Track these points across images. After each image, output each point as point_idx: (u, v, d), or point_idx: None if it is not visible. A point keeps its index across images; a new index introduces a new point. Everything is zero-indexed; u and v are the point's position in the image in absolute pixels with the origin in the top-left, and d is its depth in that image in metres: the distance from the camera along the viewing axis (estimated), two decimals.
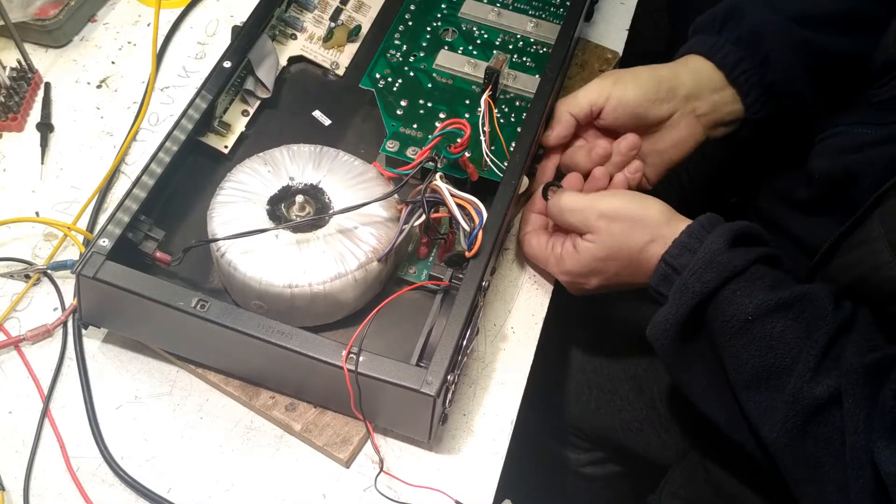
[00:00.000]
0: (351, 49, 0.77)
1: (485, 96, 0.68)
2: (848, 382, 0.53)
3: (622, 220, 0.61)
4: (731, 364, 0.58)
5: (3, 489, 0.54)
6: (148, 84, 0.76)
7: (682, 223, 0.61)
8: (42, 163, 0.71)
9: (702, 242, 0.58)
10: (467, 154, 0.63)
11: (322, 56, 0.76)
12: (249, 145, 0.69)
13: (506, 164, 0.65)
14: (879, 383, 0.53)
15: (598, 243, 0.62)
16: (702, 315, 0.58)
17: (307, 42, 0.76)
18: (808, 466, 0.55)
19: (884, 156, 0.63)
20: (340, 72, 0.76)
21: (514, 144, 0.67)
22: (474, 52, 0.75)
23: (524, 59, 0.75)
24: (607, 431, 0.83)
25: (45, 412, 0.58)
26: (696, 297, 0.57)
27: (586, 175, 0.68)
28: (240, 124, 0.70)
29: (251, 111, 0.71)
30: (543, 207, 0.67)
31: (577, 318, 0.84)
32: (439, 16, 0.78)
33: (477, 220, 0.58)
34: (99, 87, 0.77)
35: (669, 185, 0.77)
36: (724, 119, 0.71)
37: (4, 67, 0.74)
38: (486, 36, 0.77)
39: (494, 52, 0.75)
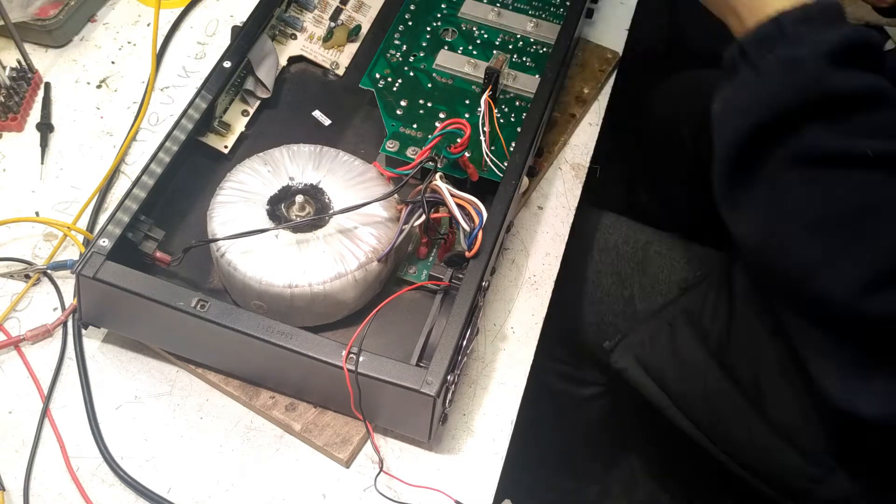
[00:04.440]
0: (351, 49, 0.77)
1: (485, 96, 0.68)
2: None
3: None
4: (811, 197, 0.50)
5: (4, 489, 0.54)
6: (148, 84, 0.76)
7: None
8: (42, 163, 0.71)
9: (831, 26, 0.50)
10: (467, 154, 0.63)
11: (322, 56, 0.76)
12: (249, 145, 0.69)
13: (506, 164, 0.65)
14: None
15: None
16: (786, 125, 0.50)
17: (307, 42, 0.76)
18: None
19: None
20: (340, 72, 0.76)
21: (514, 144, 0.66)
22: (474, 52, 0.75)
23: (524, 59, 0.75)
24: (582, 328, 0.84)
25: (44, 412, 0.58)
26: (785, 105, 0.49)
27: None
28: (240, 124, 0.70)
29: (251, 111, 0.71)
30: None
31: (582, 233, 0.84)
32: (439, 16, 0.78)
33: (477, 220, 0.58)
34: (99, 87, 0.77)
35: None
36: None
37: (4, 67, 0.74)
38: (486, 36, 0.77)
39: (494, 52, 0.75)
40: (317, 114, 0.73)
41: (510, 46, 0.76)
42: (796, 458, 0.71)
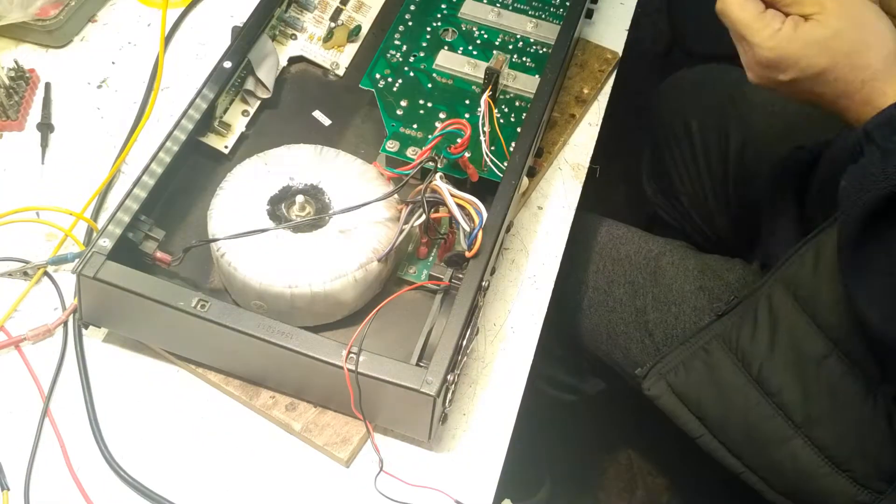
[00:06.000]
0: (351, 49, 0.77)
1: (485, 96, 0.68)
2: None
3: (860, 23, 0.56)
4: None
5: (8, 488, 0.54)
6: (155, 84, 0.76)
7: None
8: (42, 163, 0.71)
9: None
10: (467, 154, 0.63)
11: (322, 56, 0.76)
12: (249, 145, 0.69)
13: (506, 164, 0.65)
14: None
15: (824, 25, 0.56)
16: None
17: (307, 42, 0.76)
18: None
19: None
20: (340, 72, 0.76)
21: (513, 144, 0.67)
22: (474, 53, 0.75)
23: (524, 59, 0.75)
24: (591, 335, 0.84)
25: (45, 412, 0.58)
26: None
27: None
28: (240, 124, 0.70)
29: (251, 111, 0.71)
30: None
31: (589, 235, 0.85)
32: (439, 16, 0.78)
33: (477, 220, 0.58)
34: (99, 87, 0.77)
35: None
36: None
37: (2, 67, 0.74)
38: (485, 36, 0.77)
39: (494, 52, 0.75)
40: (317, 114, 0.73)
41: (510, 47, 0.76)
42: (845, 483, 0.69)
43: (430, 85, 0.72)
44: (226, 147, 0.68)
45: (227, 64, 0.66)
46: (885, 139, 0.53)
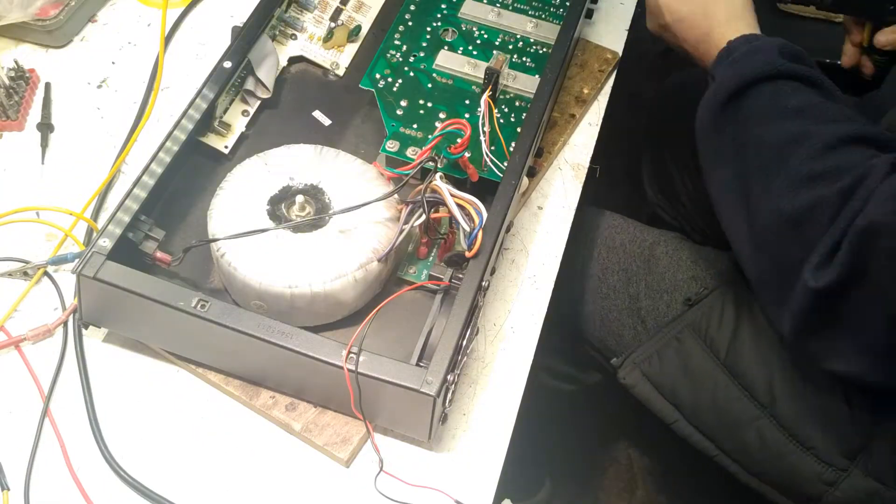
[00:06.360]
0: (351, 49, 0.77)
1: (485, 96, 0.68)
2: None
3: None
4: (754, 147, 0.62)
5: (8, 488, 0.54)
6: (155, 84, 0.76)
7: (751, 19, 0.69)
8: (42, 163, 0.71)
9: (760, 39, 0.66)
10: (467, 154, 0.63)
11: (322, 56, 0.76)
12: (249, 145, 0.69)
13: (506, 164, 0.65)
14: None
15: None
16: (740, 100, 0.63)
17: (307, 42, 0.76)
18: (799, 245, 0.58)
19: None
20: (340, 72, 0.76)
21: (513, 144, 0.67)
22: (474, 53, 0.75)
23: (524, 59, 0.75)
24: (586, 322, 0.86)
25: (45, 412, 0.58)
26: (751, 75, 0.62)
27: None
28: (240, 124, 0.70)
29: (251, 111, 0.71)
30: None
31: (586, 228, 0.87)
32: (439, 16, 0.78)
33: (477, 220, 0.58)
34: (99, 87, 0.77)
35: None
36: None
37: (2, 67, 0.74)
38: (485, 36, 0.77)
39: (494, 52, 0.75)
40: (317, 114, 0.73)
41: (510, 47, 0.76)
42: (810, 461, 0.72)
43: (430, 85, 0.72)
44: (226, 147, 0.68)
45: (227, 64, 0.66)
46: (715, 69, 0.67)
